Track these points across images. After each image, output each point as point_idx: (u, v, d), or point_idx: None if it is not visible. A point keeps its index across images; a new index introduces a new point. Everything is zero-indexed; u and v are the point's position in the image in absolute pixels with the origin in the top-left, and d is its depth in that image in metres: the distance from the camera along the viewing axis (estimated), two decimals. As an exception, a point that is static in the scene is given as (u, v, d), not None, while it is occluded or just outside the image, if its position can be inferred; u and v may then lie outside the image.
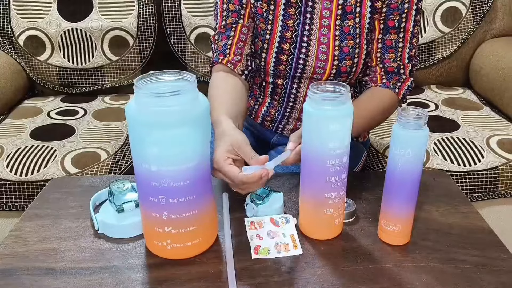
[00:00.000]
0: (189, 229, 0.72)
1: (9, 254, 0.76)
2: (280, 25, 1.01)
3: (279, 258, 0.74)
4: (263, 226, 0.79)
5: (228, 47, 1.04)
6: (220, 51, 1.04)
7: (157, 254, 0.75)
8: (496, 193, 1.31)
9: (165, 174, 0.67)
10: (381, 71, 1.02)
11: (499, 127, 1.47)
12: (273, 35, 1.02)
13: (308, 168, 0.75)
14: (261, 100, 1.15)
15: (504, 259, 0.74)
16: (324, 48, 1.01)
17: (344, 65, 1.01)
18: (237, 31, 1.03)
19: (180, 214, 0.70)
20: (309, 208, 0.77)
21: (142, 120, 0.65)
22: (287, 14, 1.01)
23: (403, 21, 0.98)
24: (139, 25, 1.76)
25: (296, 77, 1.06)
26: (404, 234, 0.78)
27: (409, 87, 1.03)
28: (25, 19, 1.76)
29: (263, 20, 1.02)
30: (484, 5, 1.77)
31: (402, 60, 1.01)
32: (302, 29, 1.01)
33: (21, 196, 1.30)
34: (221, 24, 1.05)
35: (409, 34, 1.00)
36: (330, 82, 0.72)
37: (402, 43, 1.00)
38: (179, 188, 0.69)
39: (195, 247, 0.75)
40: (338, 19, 0.99)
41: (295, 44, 1.02)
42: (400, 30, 0.99)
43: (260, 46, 1.04)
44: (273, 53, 1.03)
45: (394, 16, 0.98)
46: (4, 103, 1.66)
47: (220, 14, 1.04)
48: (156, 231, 0.72)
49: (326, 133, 0.70)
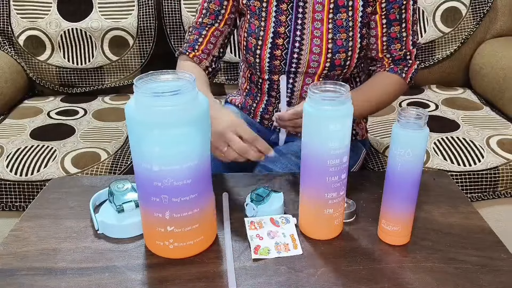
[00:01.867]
0: (191, 227, 0.72)
1: (9, 254, 0.76)
2: (273, 21, 1.04)
3: (279, 258, 0.74)
4: (263, 226, 0.79)
5: (198, 43, 1.10)
6: (191, 44, 1.11)
7: (159, 254, 0.75)
8: (496, 193, 1.31)
9: (167, 173, 0.67)
10: (388, 60, 1.07)
11: (499, 127, 1.47)
12: (267, 31, 1.04)
13: (308, 168, 0.75)
14: (258, 98, 1.15)
15: (504, 259, 0.74)
16: (317, 41, 1.03)
17: (338, 58, 1.03)
18: (209, 32, 1.09)
19: (183, 213, 0.71)
20: (309, 208, 0.77)
21: (142, 120, 0.65)
22: (279, 10, 1.03)
23: (403, 12, 1.03)
24: (139, 25, 1.76)
25: (291, 72, 1.07)
26: (404, 234, 0.78)
27: (416, 70, 1.09)
28: (25, 19, 1.76)
29: (257, 17, 1.05)
30: (484, 5, 1.77)
31: (407, 48, 1.07)
32: (295, 24, 1.03)
33: (21, 196, 1.30)
34: (198, 20, 1.11)
35: (410, 23, 1.06)
36: (330, 82, 0.72)
37: (406, 33, 1.06)
38: (182, 187, 0.69)
39: (197, 245, 0.75)
40: (330, 12, 1.02)
41: (289, 38, 1.04)
42: (402, 21, 1.04)
43: (254, 44, 1.06)
44: (267, 49, 1.05)
45: (394, 9, 1.02)
46: (4, 103, 1.66)
47: (200, 11, 1.11)
48: (158, 231, 0.72)
49: (326, 133, 0.70)
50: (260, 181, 0.95)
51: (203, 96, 0.71)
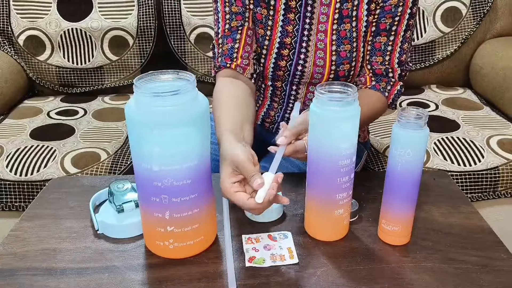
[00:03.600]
0: (191, 227, 0.72)
1: (9, 254, 0.76)
2: (280, 30, 1.00)
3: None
4: (260, 241, 0.78)
5: (236, 50, 1.00)
6: (226, 55, 1.00)
7: (159, 254, 0.75)
8: (496, 193, 1.31)
9: (167, 173, 0.67)
10: (369, 73, 1.01)
11: (499, 127, 1.47)
12: (272, 41, 1.01)
13: (318, 169, 0.74)
14: (260, 101, 1.15)
15: (504, 259, 0.74)
16: (321, 53, 1.00)
17: (342, 69, 1.00)
18: (243, 34, 1.00)
19: (183, 213, 0.70)
20: (318, 209, 0.77)
21: (142, 120, 0.65)
22: (286, 19, 0.99)
23: (395, 24, 0.97)
24: (139, 25, 1.76)
25: (294, 82, 1.05)
26: (404, 234, 0.78)
27: (399, 92, 1.02)
28: (25, 19, 1.76)
29: (263, 26, 1.01)
30: (484, 5, 1.77)
31: (391, 64, 1.00)
32: (301, 35, 1.00)
33: (21, 196, 1.30)
34: (224, 28, 1.01)
35: (399, 38, 0.98)
36: (338, 83, 0.72)
37: (391, 47, 0.98)
38: (181, 187, 0.69)
39: (197, 245, 0.75)
40: (335, 23, 0.98)
41: (294, 50, 1.01)
42: (390, 33, 0.97)
43: (258, 53, 1.03)
44: (272, 59, 1.02)
45: (386, 18, 0.96)
46: (4, 103, 1.66)
47: (223, 18, 1.01)
48: (158, 231, 0.72)
49: (338, 134, 0.70)
50: (260, 181, 0.95)
51: (203, 96, 0.71)
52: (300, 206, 0.87)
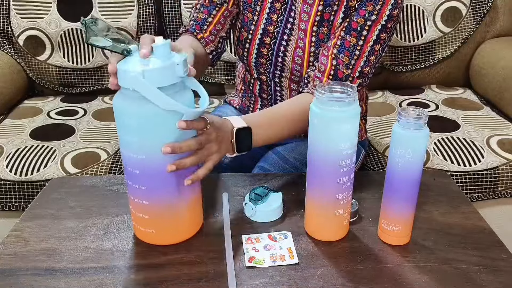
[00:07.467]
0: (142, 215, 0.76)
1: (9, 254, 0.76)
2: (265, 17, 1.03)
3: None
4: (260, 241, 0.79)
5: (207, 23, 1.05)
6: (199, 22, 1.06)
7: (145, 241, 0.79)
8: (496, 193, 1.31)
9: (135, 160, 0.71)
10: (331, 70, 0.96)
11: (499, 127, 1.47)
12: (258, 27, 1.04)
13: (318, 169, 0.74)
14: (252, 102, 1.17)
15: (504, 259, 0.74)
16: (300, 52, 1.01)
17: None
18: (219, 12, 1.05)
19: (138, 200, 0.74)
20: (318, 209, 0.77)
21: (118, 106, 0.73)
22: (273, 7, 1.02)
23: (366, 29, 0.93)
24: (139, 25, 1.76)
25: (276, 75, 1.07)
26: (404, 234, 0.78)
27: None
28: (25, 19, 1.76)
29: (251, 10, 1.04)
30: (484, 5, 1.77)
31: (354, 72, 0.95)
32: (284, 27, 1.02)
33: (21, 196, 1.30)
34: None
35: (367, 46, 0.94)
36: (338, 83, 0.72)
37: (359, 52, 0.94)
38: (134, 175, 0.73)
39: (180, 233, 0.79)
40: (315, 25, 0.99)
41: (276, 40, 1.03)
42: (360, 37, 0.94)
43: (245, 37, 1.06)
44: (255, 45, 1.05)
45: (359, 20, 0.93)
46: (4, 103, 1.66)
47: None
48: (139, 216, 0.76)
49: (338, 134, 0.70)
50: (260, 181, 0.95)
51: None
52: (300, 206, 0.87)
